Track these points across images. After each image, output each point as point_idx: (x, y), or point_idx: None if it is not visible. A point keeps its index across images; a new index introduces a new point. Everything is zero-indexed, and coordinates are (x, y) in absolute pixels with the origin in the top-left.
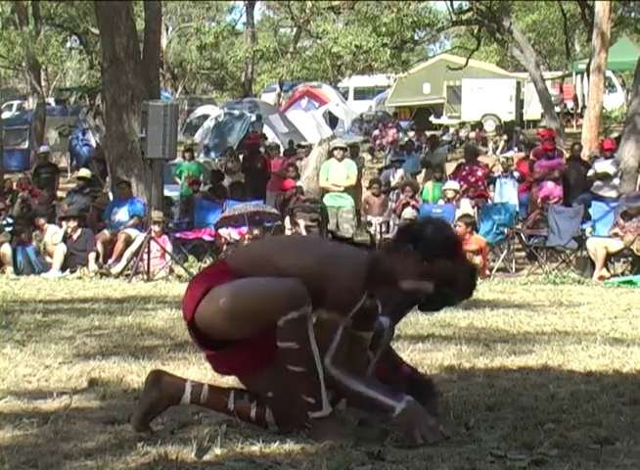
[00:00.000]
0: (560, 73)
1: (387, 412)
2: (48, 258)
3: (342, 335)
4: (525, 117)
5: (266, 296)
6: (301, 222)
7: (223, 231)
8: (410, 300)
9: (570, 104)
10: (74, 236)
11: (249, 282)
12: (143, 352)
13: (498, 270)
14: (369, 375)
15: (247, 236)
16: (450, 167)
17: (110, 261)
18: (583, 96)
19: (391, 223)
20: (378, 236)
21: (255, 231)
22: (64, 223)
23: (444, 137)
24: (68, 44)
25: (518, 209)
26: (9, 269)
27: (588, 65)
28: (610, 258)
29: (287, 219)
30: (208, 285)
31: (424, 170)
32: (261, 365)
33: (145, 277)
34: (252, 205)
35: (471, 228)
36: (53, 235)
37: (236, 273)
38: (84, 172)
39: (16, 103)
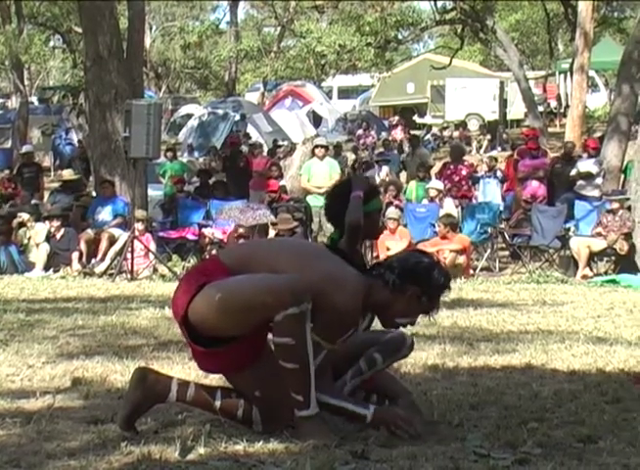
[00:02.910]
0: (543, 73)
1: (359, 420)
2: (32, 257)
3: (324, 358)
4: (509, 117)
5: (267, 290)
6: (272, 232)
7: (207, 230)
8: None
9: (553, 103)
10: (58, 235)
11: (248, 277)
12: (127, 351)
13: (482, 269)
14: (336, 383)
15: (234, 234)
16: (435, 167)
17: (93, 261)
18: (566, 95)
19: None
20: None
21: (241, 230)
22: (47, 222)
23: (428, 136)
24: (52, 43)
25: (502, 208)
26: None
27: (571, 64)
28: (593, 257)
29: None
30: (203, 281)
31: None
32: (249, 364)
33: (128, 276)
34: (258, 214)
35: (449, 228)
36: (38, 233)
37: (231, 271)
38: (68, 174)
39: None
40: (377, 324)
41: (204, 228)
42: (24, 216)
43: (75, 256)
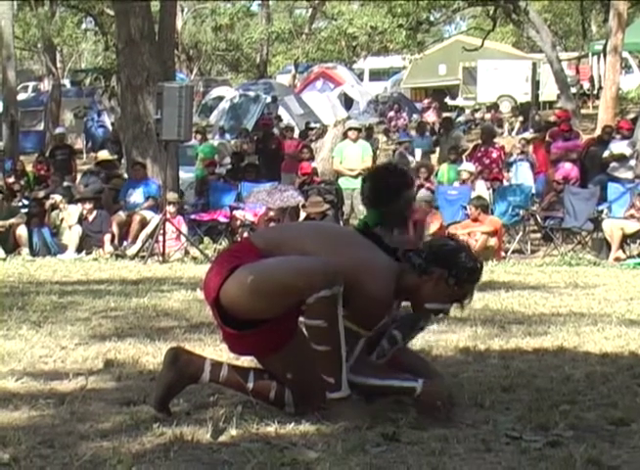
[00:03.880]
0: (576, 54)
1: (409, 394)
2: (64, 240)
3: (363, 346)
4: (541, 99)
5: (299, 272)
6: (302, 214)
7: (238, 213)
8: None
9: (586, 85)
10: (90, 218)
11: (279, 260)
12: (158, 333)
13: (513, 252)
14: (377, 363)
15: (264, 217)
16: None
17: (125, 243)
18: (600, 77)
19: None
20: None
21: (271, 213)
22: (79, 205)
23: (460, 119)
24: (84, 25)
25: (534, 190)
26: (25, 251)
27: (605, 45)
28: (626, 239)
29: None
30: (236, 263)
31: (437, 151)
32: (281, 347)
33: (160, 259)
34: (285, 196)
35: (481, 210)
36: (70, 215)
37: (263, 253)
38: (104, 155)
39: (31, 84)
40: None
41: (235, 210)
42: (57, 198)
43: (108, 238)
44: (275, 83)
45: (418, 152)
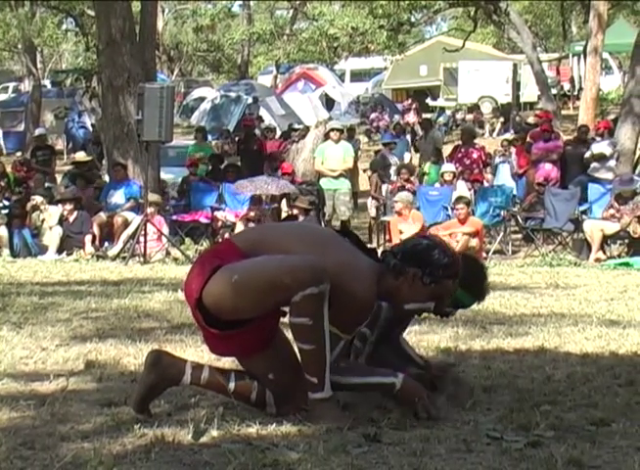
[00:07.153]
0: (557, 55)
1: (388, 390)
2: (45, 241)
3: (342, 347)
4: (522, 100)
5: (285, 271)
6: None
7: (220, 214)
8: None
9: (566, 86)
10: (70, 218)
11: (264, 259)
12: (140, 334)
13: (494, 252)
14: (356, 363)
15: (244, 218)
16: (447, 150)
17: (106, 244)
18: (580, 78)
19: (388, 205)
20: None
21: (252, 213)
22: (60, 206)
23: (440, 119)
24: (64, 26)
25: (515, 191)
26: (5, 252)
27: (585, 46)
28: (606, 240)
29: (283, 202)
30: (217, 263)
31: (417, 154)
32: (263, 347)
33: (141, 260)
34: (282, 185)
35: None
36: (51, 216)
37: (245, 254)
38: (80, 156)
39: (11, 85)
40: None
41: (216, 211)
42: (38, 200)
43: (88, 239)
44: (256, 84)
45: (407, 156)
